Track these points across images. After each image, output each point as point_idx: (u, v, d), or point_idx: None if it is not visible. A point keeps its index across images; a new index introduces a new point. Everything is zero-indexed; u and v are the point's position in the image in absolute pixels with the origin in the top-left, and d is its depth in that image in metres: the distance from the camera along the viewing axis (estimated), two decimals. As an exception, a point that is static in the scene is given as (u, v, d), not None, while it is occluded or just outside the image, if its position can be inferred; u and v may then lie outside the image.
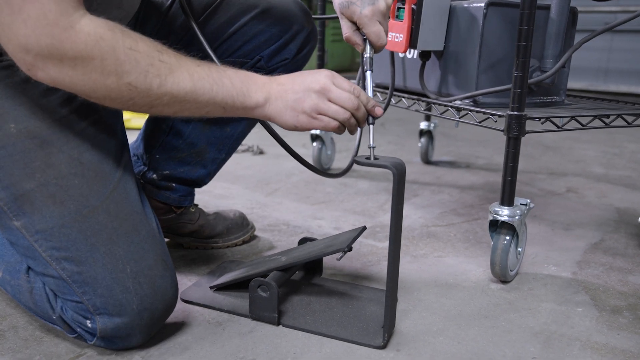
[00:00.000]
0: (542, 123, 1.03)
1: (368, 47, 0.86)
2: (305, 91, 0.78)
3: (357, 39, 0.86)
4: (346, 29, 0.86)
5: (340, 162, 1.96)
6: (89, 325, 0.75)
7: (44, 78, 0.65)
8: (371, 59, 0.86)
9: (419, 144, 1.99)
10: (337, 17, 1.28)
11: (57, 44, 0.62)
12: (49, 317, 0.79)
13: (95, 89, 0.67)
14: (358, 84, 1.34)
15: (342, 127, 0.81)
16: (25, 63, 0.64)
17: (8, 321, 0.86)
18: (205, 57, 0.86)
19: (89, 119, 0.82)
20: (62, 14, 0.62)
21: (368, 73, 0.86)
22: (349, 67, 4.45)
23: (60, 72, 0.64)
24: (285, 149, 0.94)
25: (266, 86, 0.78)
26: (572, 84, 3.72)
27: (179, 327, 0.86)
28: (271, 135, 0.92)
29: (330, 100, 0.78)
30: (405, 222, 1.35)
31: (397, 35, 1.15)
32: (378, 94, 1.38)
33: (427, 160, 2.00)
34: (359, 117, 0.81)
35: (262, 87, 0.78)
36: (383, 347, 0.81)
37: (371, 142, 0.81)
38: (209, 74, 0.74)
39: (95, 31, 0.65)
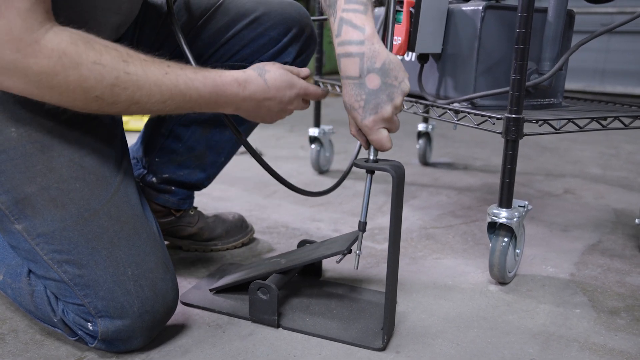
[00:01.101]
0: (539, 125, 1.04)
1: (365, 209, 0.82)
2: (282, 106, 0.86)
3: (361, 139, 0.82)
4: (352, 127, 0.82)
5: (338, 163, 1.96)
6: (90, 327, 0.75)
7: (11, 88, 0.66)
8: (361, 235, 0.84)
9: (417, 146, 2.00)
10: None
11: (22, 59, 0.63)
12: (50, 320, 0.79)
13: (62, 101, 0.68)
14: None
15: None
16: None
17: (8, 324, 0.86)
18: (200, 59, 0.87)
19: (89, 122, 0.82)
20: (27, 30, 0.63)
21: (360, 234, 0.84)
22: (346, 68, 4.44)
23: (27, 85, 0.66)
24: (268, 171, 0.96)
25: (237, 100, 0.80)
26: (570, 84, 3.73)
27: (179, 329, 0.86)
28: (253, 157, 0.93)
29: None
30: (404, 224, 1.36)
31: (395, 38, 1.15)
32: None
33: (425, 161, 2.01)
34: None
35: (232, 101, 0.80)
36: (383, 349, 0.82)
37: (359, 250, 0.83)
38: (176, 84, 0.73)
39: (58, 46, 0.65)
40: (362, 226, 0.84)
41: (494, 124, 1.04)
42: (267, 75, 0.83)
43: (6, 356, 0.78)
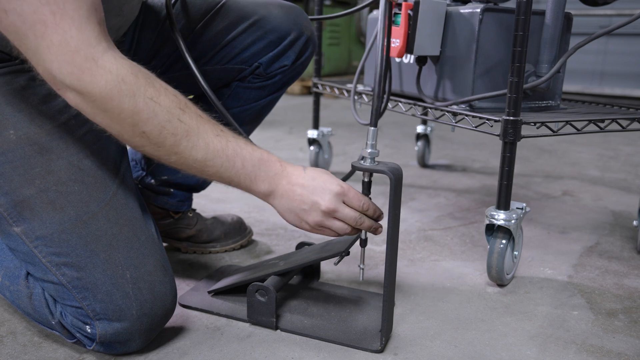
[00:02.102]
0: (537, 128, 1.04)
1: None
2: (313, 205, 0.77)
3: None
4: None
5: (337, 166, 1.97)
6: (89, 330, 0.75)
7: (70, 102, 0.66)
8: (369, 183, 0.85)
9: (416, 148, 2.00)
10: (334, 18, 1.29)
11: (78, 74, 0.63)
12: (48, 323, 0.79)
13: (110, 127, 0.68)
14: (355, 91, 1.34)
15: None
16: (54, 85, 0.65)
17: (6, 327, 0.86)
18: (200, 61, 0.86)
19: (87, 125, 0.82)
20: (84, 43, 0.62)
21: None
22: (345, 70, 4.46)
23: (81, 103, 0.66)
24: None
25: (276, 178, 0.78)
26: (568, 86, 3.73)
27: (177, 332, 0.86)
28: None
29: (335, 218, 0.79)
30: (402, 226, 1.36)
31: (394, 41, 1.16)
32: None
33: (423, 163, 2.01)
34: (363, 229, 0.82)
35: (271, 178, 0.77)
36: (380, 351, 0.82)
37: (362, 264, 0.87)
38: (224, 148, 0.73)
39: (118, 71, 0.65)
40: (363, 242, 0.86)
41: (492, 126, 1.05)
42: (308, 168, 0.80)
43: (4, 358, 0.78)
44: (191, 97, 1.09)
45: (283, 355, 0.81)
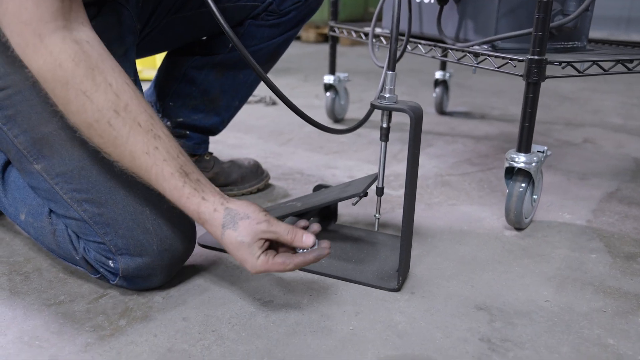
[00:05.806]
0: (562, 68, 1.01)
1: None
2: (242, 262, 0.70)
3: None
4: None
5: (353, 112, 1.94)
6: (112, 265, 0.77)
7: None
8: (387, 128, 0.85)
9: (434, 94, 1.96)
10: None
11: (24, 47, 0.62)
12: (72, 259, 0.81)
13: (57, 104, 0.66)
14: (372, 33, 1.31)
15: None
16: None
17: (32, 264, 0.89)
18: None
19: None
20: (36, 17, 0.61)
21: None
22: (361, 17, 4.34)
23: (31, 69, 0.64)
24: (293, 109, 0.91)
25: (212, 206, 0.69)
26: (592, 33, 3.60)
27: (197, 270, 0.88)
28: (276, 94, 0.89)
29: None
30: (420, 171, 1.35)
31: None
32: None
33: (441, 110, 1.98)
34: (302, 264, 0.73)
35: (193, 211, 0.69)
36: (398, 289, 0.83)
37: (378, 213, 0.88)
38: (148, 170, 0.67)
39: (58, 55, 0.62)
40: (380, 191, 0.87)
41: (515, 66, 1.02)
42: (227, 233, 0.69)
43: (32, 293, 0.80)
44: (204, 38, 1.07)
45: (301, 293, 0.82)
